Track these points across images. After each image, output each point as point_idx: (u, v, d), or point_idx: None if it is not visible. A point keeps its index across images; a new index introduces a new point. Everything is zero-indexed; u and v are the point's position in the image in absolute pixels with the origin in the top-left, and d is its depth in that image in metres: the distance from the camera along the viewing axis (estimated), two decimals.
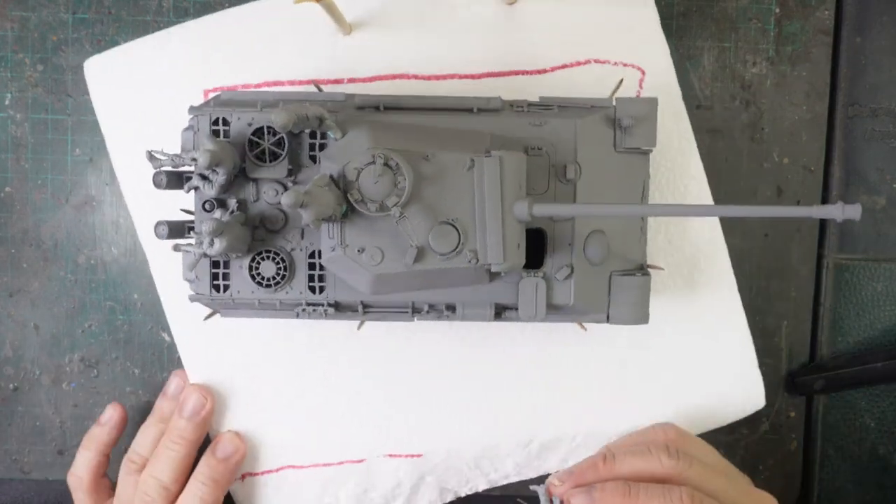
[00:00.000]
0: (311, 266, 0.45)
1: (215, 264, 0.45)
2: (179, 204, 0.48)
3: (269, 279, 0.45)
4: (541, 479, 0.51)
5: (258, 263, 0.45)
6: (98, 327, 0.56)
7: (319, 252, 0.45)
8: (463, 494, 0.54)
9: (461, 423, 0.53)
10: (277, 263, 0.45)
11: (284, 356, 0.53)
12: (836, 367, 0.55)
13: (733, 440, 0.57)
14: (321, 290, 0.45)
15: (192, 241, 0.42)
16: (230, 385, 0.53)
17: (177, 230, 0.44)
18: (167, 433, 0.52)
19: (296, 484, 0.53)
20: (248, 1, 0.52)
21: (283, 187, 0.44)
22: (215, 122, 0.44)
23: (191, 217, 0.46)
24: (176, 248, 0.42)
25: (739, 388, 0.53)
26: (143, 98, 0.52)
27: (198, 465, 0.52)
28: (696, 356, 0.53)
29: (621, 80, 0.47)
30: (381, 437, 0.53)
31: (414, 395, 0.53)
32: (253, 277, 0.45)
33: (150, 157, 0.41)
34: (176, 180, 0.44)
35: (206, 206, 0.45)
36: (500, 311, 0.46)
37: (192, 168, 0.42)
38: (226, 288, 0.45)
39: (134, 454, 0.52)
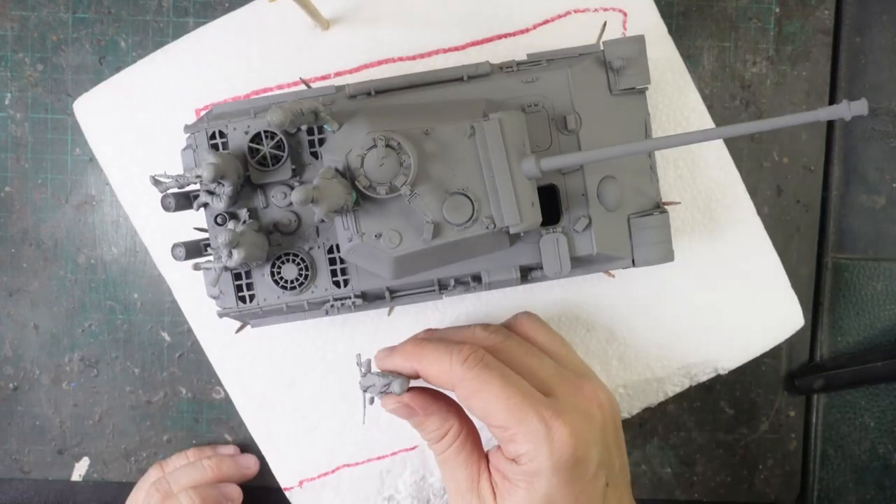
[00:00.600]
0: (332, 261, 0.45)
1: (237, 276, 0.45)
2: (190, 231, 0.48)
3: (292, 281, 0.45)
4: None
5: (279, 268, 0.45)
6: (98, 327, 0.56)
7: (337, 246, 0.45)
8: None
9: None
10: (298, 264, 0.45)
11: (319, 357, 0.53)
12: (836, 367, 0.55)
13: (733, 440, 0.57)
14: (345, 283, 0.45)
15: (211, 257, 0.42)
16: (272, 396, 0.53)
17: (193, 250, 0.44)
18: (203, 453, 0.54)
19: (354, 481, 0.53)
20: (234, 9, 0.52)
21: (290, 188, 0.44)
22: (212, 136, 0.44)
23: (205, 235, 0.46)
24: (196, 267, 0.42)
25: (776, 312, 0.53)
26: (138, 128, 0.52)
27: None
28: (728, 287, 0.53)
29: (605, 24, 0.47)
30: None
31: None
32: (276, 282, 0.45)
33: (155, 181, 0.41)
34: (184, 201, 0.44)
35: (218, 220, 0.44)
36: (526, 274, 0.46)
37: (197, 186, 0.42)
38: (251, 298, 0.45)
39: (164, 483, 0.52)
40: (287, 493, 0.54)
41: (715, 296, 0.53)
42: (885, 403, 0.57)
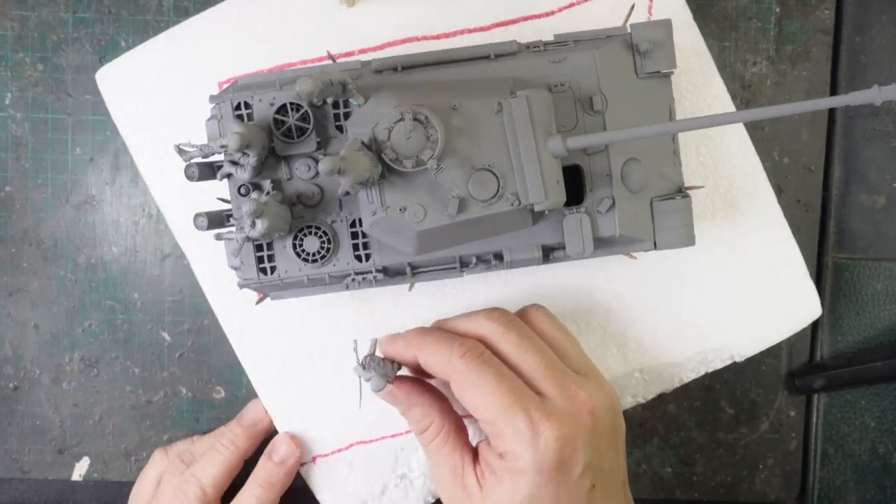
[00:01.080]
0: (354, 235, 0.45)
1: (259, 248, 0.45)
2: (212, 204, 0.48)
3: (314, 254, 0.45)
4: None
5: (301, 240, 0.45)
6: (98, 327, 0.56)
7: (360, 220, 0.45)
8: None
9: None
10: (320, 237, 0.45)
11: (337, 333, 0.53)
12: (836, 367, 0.55)
13: (733, 439, 0.57)
14: (367, 257, 0.45)
15: (233, 228, 0.42)
16: (289, 371, 0.53)
17: (215, 220, 0.44)
18: (220, 435, 0.52)
19: (367, 458, 0.54)
20: None
21: (314, 161, 0.44)
22: (237, 107, 0.44)
23: (227, 206, 0.46)
24: (218, 237, 0.42)
25: (795, 300, 0.53)
26: (160, 99, 0.52)
27: (256, 467, 0.53)
28: (747, 274, 0.53)
29: (633, 6, 0.47)
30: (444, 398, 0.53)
31: None
32: (298, 255, 0.45)
33: (179, 150, 0.41)
34: (207, 171, 0.44)
35: (242, 191, 0.44)
36: (548, 254, 0.46)
37: (221, 157, 0.42)
38: (272, 269, 0.45)
39: (188, 455, 0.53)
40: (300, 469, 0.54)
41: (733, 282, 0.53)
42: (885, 403, 0.57)
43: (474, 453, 0.46)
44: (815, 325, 0.56)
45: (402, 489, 0.54)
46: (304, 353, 0.53)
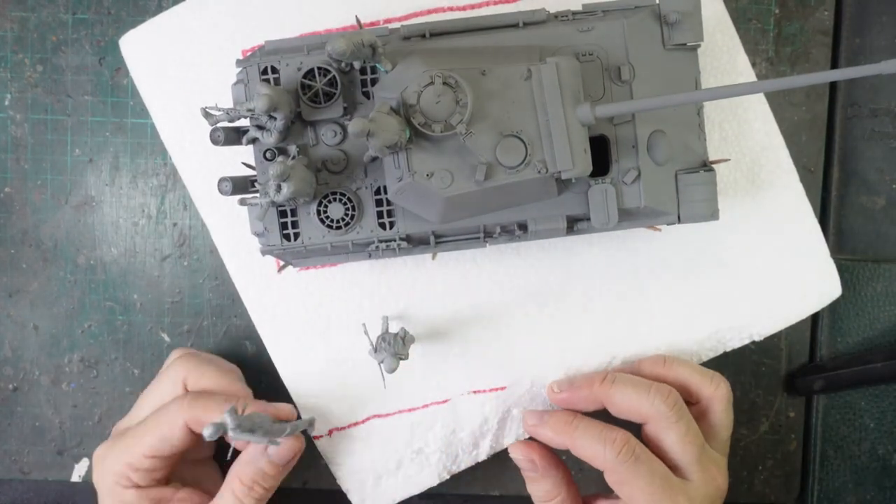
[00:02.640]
0: (378, 203, 0.45)
1: (283, 213, 0.45)
2: (231, 172, 0.48)
3: (338, 221, 0.45)
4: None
5: (325, 207, 0.44)
6: (98, 328, 0.56)
7: (385, 188, 0.44)
8: None
9: (541, 350, 0.53)
10: (345, 204, 0.45)
11: (355, 306, 0.53)
12: (836, 368, 0.55)
13: (733, 440, 0.57)
14: (391, 225, 0.45)
15: (257, 193, 0.42)
16: (306, 343, 0.53)
17: (240, 186, 0.44)
18: (247, 474, 0.47)
19: (384, 432, 0.54)
20: None
21: (341, 127, 0.44)
22: (264, 72, 0.44)
23: (251, 172, 0.46)
24: (242, 202, 0.42)
25: (814, 280, 0.53)
26: (184, 66, 0.52)
27: (240, 461, 0.47)
28: (767, 253, 0.53)
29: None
30: (462, 375, 0.53)
31: (489, 329, 0.53)
32: (322, 221, 0.44)
33: (206, 113, 0.41)
34: (233, 135, 0.44)
35: (267, 156, 0.44)
36: (572, 225, 0.46)
37: (248, 121, 0.42)
38: (296, 236, 0.45)
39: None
40: (316, 442, 0.54)
41: (753, 260, 0.53)
42: (885, 404, 0.57)
43: None
44: (814, 326, 0.56)
45: (418, 464, 0.54)
46: (322, 325, 0.53)
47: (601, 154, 0.44)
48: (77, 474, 0.57)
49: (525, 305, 0.53)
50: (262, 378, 0.54)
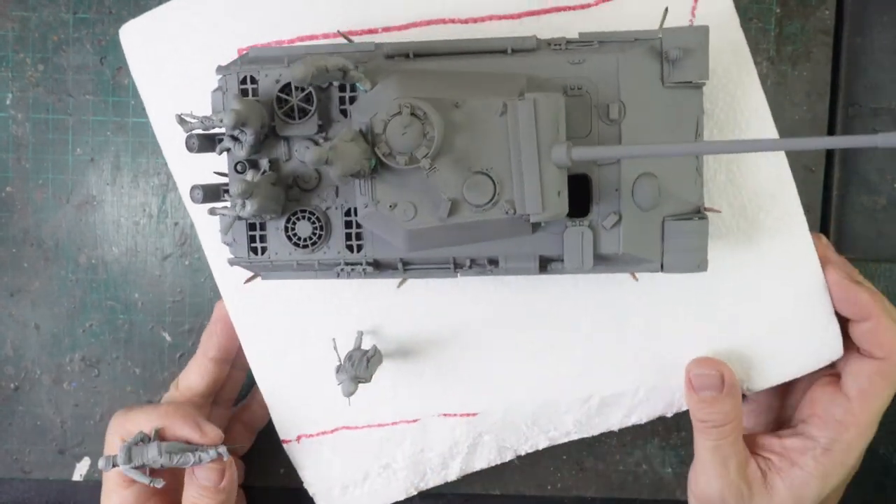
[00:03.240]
0: (348, 224, 0.44)
1: (252, 227, 0.45)
2: (213, 173, 0.48)
3: (305, 239, 0.44)
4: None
5: (294, 224, 0.44)
6: (99, 327, 0.56)
7: (355, 209, 0.43)
8: (523, 453, 0.53)
9: (516, 379, 0.52)
10: (313, 223, 0.44)
11: (333, 318, 0.52)
12: None
13: None
14: (359, 248, 0.44)
15: (227, 203, 0.42)
16: (282, 349, 0.52)
17: (212, 193, 0.44)
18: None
19: (352, 444, 0.53)
20: None
21: (315, 144, 0.43)
22: (243, 81, 0.43)
23: (225, 180, 0.46)
24: (212, 211, 0.42)
25: (814, 338, 0.50)
26: (180, 60, 0.51)
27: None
28: (766, 305, 0.50)
29: (666, 10, 0.44)
30: (434, 397, 0.52)
31: (465, 353, 0.52)
32: (289, 238, 0.44)
33: (181, 120, 0.41)
34: (208, 143, 0.43)
35: (238, 168, 0.44)
36: (546, 264, 0.44)
37: (222, 129, 0.42)
38: (263, 250, 0.44)
39: (182, 384, 0.51)
40: (285, 446, 0.54)
41: (750, 312, 0.50)
42: None
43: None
44: None
45: (385, 478, 0.53)
46: (299, 332, 0.52)
47: (582, 192, 0.42)
48: (78, 473, 0.57)
49: (504, 333, 0.51)
50: (249, 376, 0.54)
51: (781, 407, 0.54)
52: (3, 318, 0.56)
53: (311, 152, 0.36)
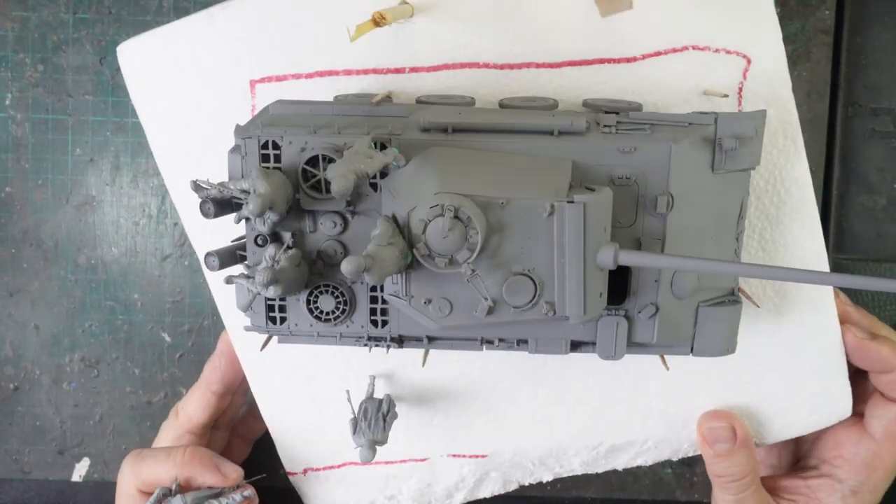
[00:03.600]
0: (373, 300, 0.42)
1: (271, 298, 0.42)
2: (230, 242, 0.45)
3: (328, 313, 0.42)
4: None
5: (316, 297, 0.42)
6: (98, 327, 0.56)
7: (381, 286, 0.42)
8: (527, 484, 0.53)
9: (527, 426, 0.51)
10: (337, 297, 0.42)
11: (342, 358, 0.51)
12: None
13: None
14: (384, 323, 0.42)
15: (245, 272, 0.40)
16: (290, 387, 0.51)
17: (227, 258, 0.41)
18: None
19: (358, 478, 0.53)
20: None
21: (342, 217, 0.41)
22: (264, 146, 0.40)
23: (241, 242, 0.43)
24: (228, 280, 0.40)
25: (826, 399, 0.50)
26: (183, 85, 0.47)
27: None
28: (782, 364, 0.49)
29: (725, 96, 0.43)
30: (444, 438, 0.52)
31: (478, 399, 0.51)
32: (311, 311, 0.42)
33: (196, 187, 0.38)
34: (225, 206, 0.40)
35: (259, 241, 0.41)
36: (575, 346, 0.42)
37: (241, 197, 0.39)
38: (283, 320, 0.42)
39: (182, 414, 0.51)
40: (290, 478, 0.53)
41: (765, 372, 0.50)
42: None
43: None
44: None
45: None
46: (307, 368, 0.51)
47: (619, 280, 0.41)
48: (78, 474, 0.57)
49: (518, 383, 0.50)
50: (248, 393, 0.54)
51: (796, 443, 0.53)
52: (3, 319, 0.56)
53: (346, 263, 0.33)
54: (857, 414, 0.50)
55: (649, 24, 0.45)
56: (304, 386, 0.51)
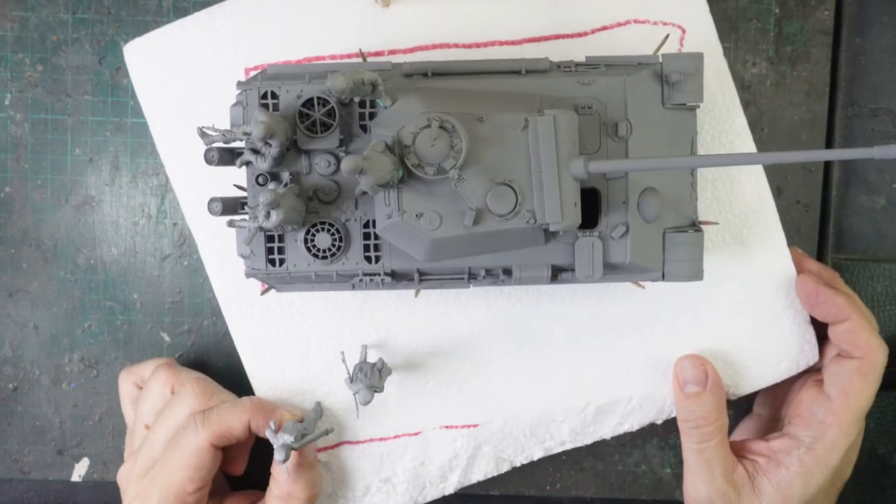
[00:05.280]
0: (366, 236, 0.45)
1: (270, 238, 0.45)
2: (225, 189, 0.48)
3: (324, 251, 0.45)
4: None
5: (313, 235, 0.45)
6: (98, 327, 0.56)
7: (374, 222, 0.45)
8: (518, 464, 0.54)
9: (516, 390, 0.53)
10: (332, 235, 0.45)
11: (335, 334, 0.53)
12: None
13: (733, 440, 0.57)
14: (377, 259, 0.45)
15: (247, 216, 0.43)
16: (283, 365, 0.53)
17: (230, 207, 0.45)
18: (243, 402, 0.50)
19: (352, 459, 0.54)
20: None
21: (335, 158, 0.45)
22: (264, 96, 0.44)
23: (243, 194, 0.46)
24: (230, 223, 0.43)
25: (793, 345, 0.53)
26: (185, 80, 0.52)
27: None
28: (749, 315, 0.53)
29: (667, 36, 0.48)
30: (436, 409, 0.53)
31: (466, 366, 0.53)
32: (308, 250, 0.45)
33: (202, 133, 0.41)
34: (227, 156, 0.44)
35: (260, 181, 0.45)
36: (556, 273, 0.46)
37: (243, 143, 0.43)
38: (281, 262, 0.45)
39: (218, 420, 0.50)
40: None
41: (734, 322, 0.53)
42: (884, 405, 0.57)
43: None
44: None
45: (385, 493, 0.54)
46: (301, 347, 0.53)
47: (591, 206, 0.45)
48: (77, 474, 0.57)
49: (504, 345, 0.53)
50: (243, 381, 0.54)
51: (780, 420, 0.54)
52: (2, 319, 0.56)
53: (346, 161, 0.37)
54: (821, 378, 0.51)
55: (596, 2, 0.51)
56: (298, 364, 0.53)
